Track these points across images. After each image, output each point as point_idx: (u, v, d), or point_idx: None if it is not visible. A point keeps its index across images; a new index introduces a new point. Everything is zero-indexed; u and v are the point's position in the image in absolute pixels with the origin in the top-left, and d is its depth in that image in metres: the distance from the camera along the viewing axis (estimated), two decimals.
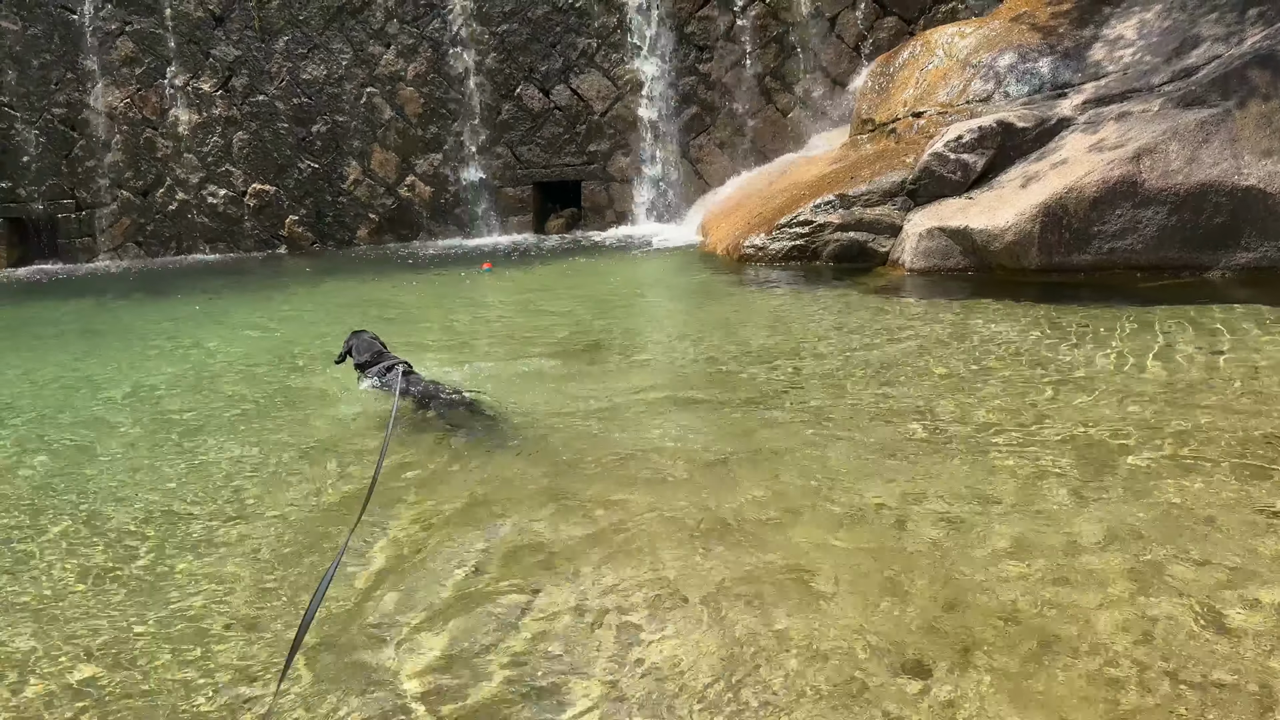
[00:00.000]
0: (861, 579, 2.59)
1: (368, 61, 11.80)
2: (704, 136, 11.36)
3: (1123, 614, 2.33)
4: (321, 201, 12.16)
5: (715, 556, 2.78)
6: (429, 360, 5.37)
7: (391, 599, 2.68)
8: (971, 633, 2.29)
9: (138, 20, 11.98)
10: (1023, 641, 2.24)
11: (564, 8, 11.37)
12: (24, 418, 5.01)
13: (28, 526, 3.43)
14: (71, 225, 12.49)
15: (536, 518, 3.14)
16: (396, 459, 3.75)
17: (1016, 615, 2.35)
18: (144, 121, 12.18)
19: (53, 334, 7.89)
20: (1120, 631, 2.26)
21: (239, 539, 3.17)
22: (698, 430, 3.96)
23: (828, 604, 2.47)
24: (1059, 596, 2.43)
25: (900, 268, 7.49)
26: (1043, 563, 2.60)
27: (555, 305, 7.48)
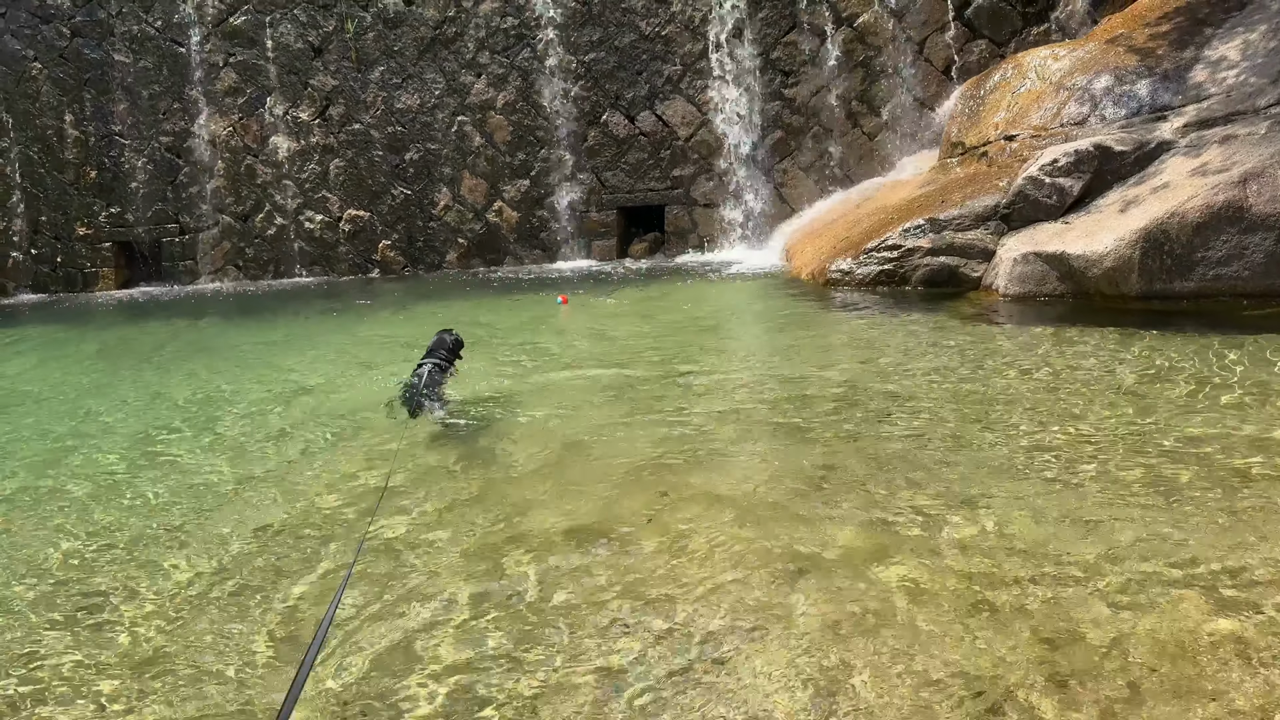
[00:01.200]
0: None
1: (459, 91, 12.11)
2: (789, 160, 11.37)
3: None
4: (413, 226, 12.48)
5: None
6: (513, 381, 5.47)
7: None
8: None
9: (241, 52, 12.50)
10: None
11: (650, 36, 11.52)
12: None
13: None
14: (175, 249, 13.04)
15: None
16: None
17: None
18: (245, 149, 12.68)
19: (161, 355, 8.24)
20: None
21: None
22: (792, 459, 3.96)
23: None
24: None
25: (994, 293, 7.38)
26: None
27: (638, 328, 7.55)
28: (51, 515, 4.02)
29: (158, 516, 3.92)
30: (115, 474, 4.58)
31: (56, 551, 3.60)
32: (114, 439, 5.27)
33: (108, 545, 3.63)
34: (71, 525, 3.87)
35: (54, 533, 3.80)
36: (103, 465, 4.75)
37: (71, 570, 3.42)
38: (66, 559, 3.52)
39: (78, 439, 5.31)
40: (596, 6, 11.61)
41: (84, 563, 3.48)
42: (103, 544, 3.65)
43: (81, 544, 3.66)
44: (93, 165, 13.03)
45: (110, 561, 3.48)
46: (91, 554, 3.56)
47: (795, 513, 3.33)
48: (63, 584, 3.31)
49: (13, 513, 4.12)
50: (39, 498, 4.29)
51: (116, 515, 3.96)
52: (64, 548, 3.63)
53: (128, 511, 4.00)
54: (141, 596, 3.14)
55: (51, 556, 3.56)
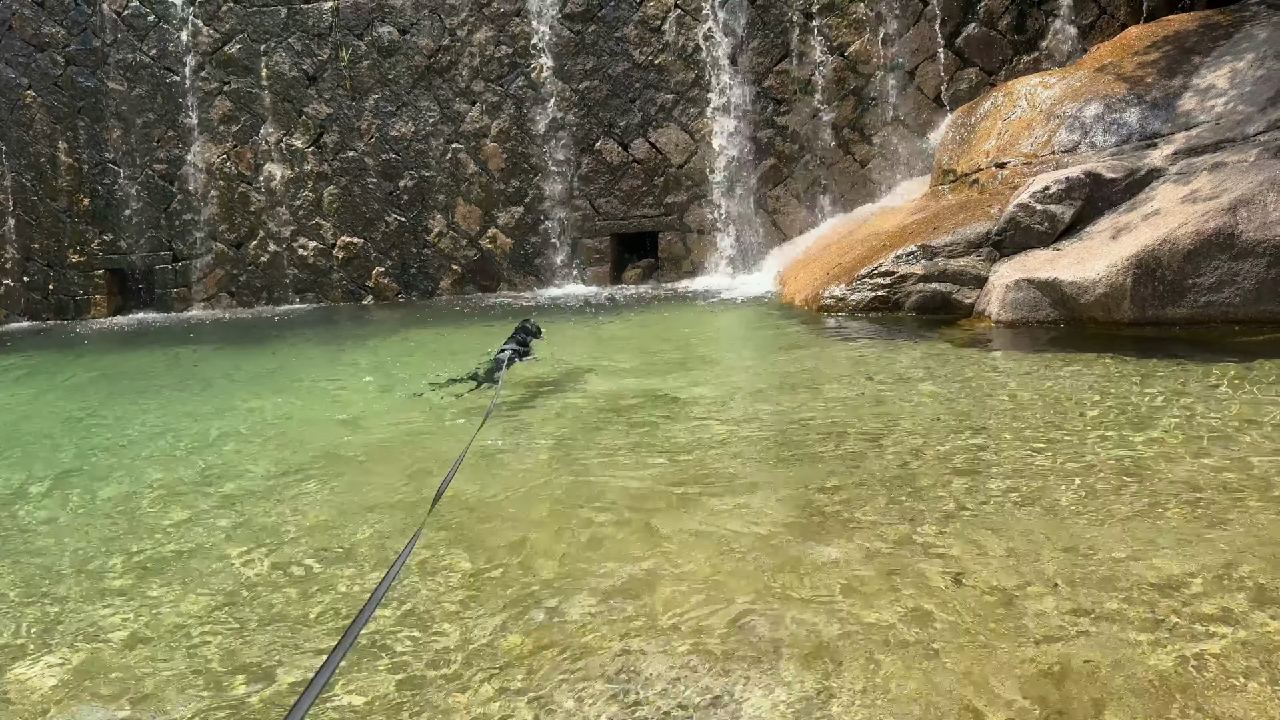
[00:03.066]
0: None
1: (453, 119, 12.16)
2: (781, 188, 11.42)
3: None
4: (407, 253, 12.49)
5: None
6: (511, 411, 5.45)
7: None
8: None
9: (235, 80, 12.54)
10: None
11: (643, 64, 11.60)
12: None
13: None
14: (168, 275, 13.02)
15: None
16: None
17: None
18: (239, 176, 12.69)
19: (158, 383, 8.21)
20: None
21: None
22: (784, 487, 3.94)
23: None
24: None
25: (986, 319, 7.40)
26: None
27: (631, 353, 7.54)
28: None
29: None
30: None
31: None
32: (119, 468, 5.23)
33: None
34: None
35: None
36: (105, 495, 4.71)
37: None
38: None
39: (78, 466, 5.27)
40: (590, 36, 11.69)
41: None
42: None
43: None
44: (86, 193, 13.03)
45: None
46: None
47: (787, 546, 3.31)
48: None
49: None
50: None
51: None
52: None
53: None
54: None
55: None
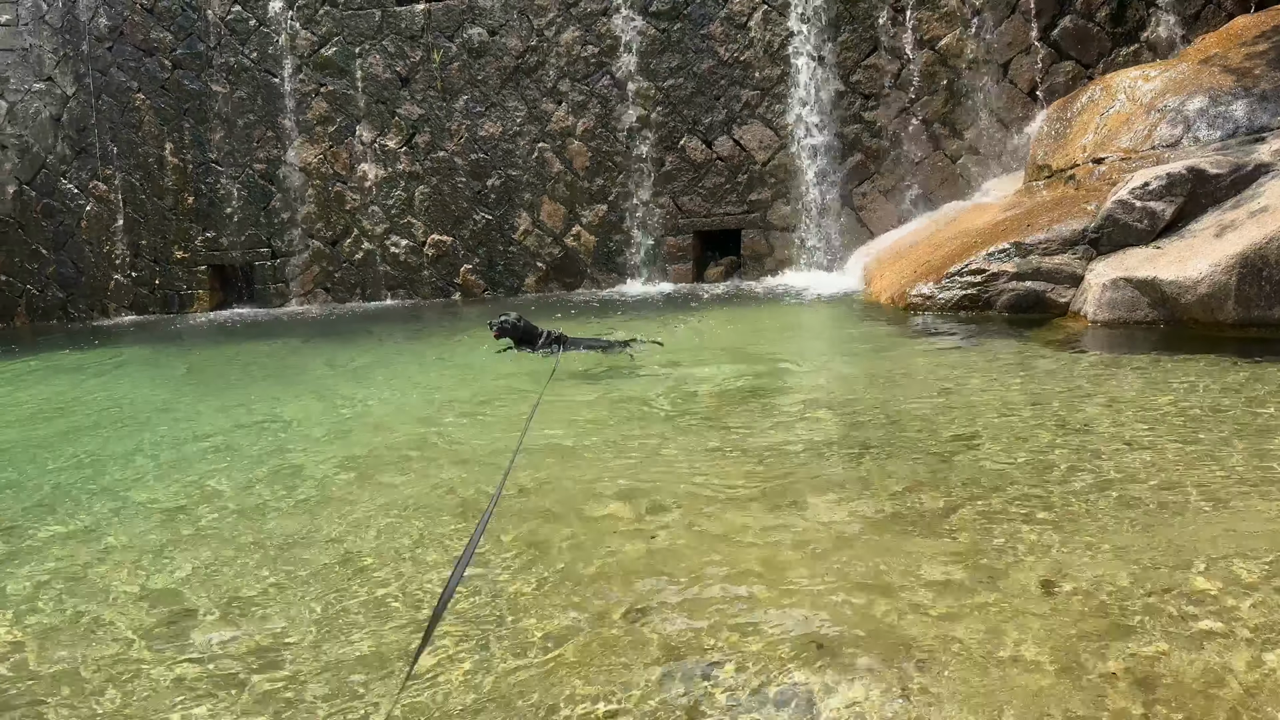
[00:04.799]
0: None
1: (540, 118, 12.33)
2: (868, 184, 11.30)
3: None
4: (494, 251, 12.72)
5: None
6: (590, 404, 5.52)
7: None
8: None
9: (332, 82, 12.92)
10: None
11: (729, 61, 11.59)
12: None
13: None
14: (267, 272, 13.49)
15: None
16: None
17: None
18: (335, 176, 13.08)
19: (252, 375, 8.53)
20: None
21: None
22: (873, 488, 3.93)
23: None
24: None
25: (1081, 319, 7.23)
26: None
27: (712, 350, 7.56)
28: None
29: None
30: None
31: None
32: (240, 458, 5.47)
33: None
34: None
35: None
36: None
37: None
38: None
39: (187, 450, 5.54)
40: (675, 33, 11.73)
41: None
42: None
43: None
44: (190, 192, 13.58)
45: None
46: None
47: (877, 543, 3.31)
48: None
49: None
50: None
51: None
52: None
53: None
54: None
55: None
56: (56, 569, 3.81)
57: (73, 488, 5.01)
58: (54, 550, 4.04)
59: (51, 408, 7.74)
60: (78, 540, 4.15)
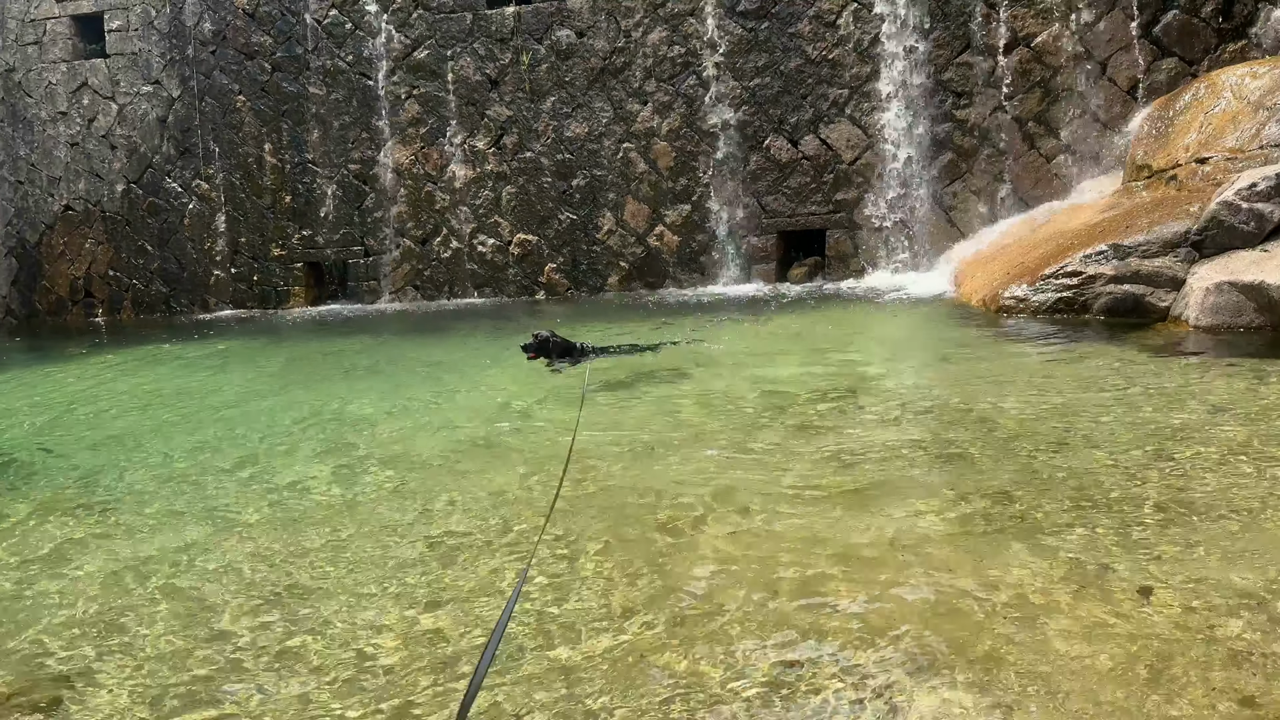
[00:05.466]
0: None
1: (625, 118, 12.42)
2: (959, 183, 11.11)
3: None
4: (578, 250, 12.86)
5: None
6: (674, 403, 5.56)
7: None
8: None
9: (424, 85, 13.21)
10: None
11: (816, 60, 11.51)
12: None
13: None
14: (360, 270, 13.86)
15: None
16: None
17: None
18: (425, 177, 13.38)
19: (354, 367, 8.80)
20: None
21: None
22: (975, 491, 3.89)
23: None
24: None
25: (1182, 324, 7.01)
26: None
27: (797, 350, 7.53)
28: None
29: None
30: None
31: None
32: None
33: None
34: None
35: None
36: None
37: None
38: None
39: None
40: (763, 32, 11.70)
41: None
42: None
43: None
44: (288, 191, 14.03)
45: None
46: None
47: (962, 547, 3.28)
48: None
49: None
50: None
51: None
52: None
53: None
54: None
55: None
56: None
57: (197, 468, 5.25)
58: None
59: (161, 395, 8.10)
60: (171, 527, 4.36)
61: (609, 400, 6.20)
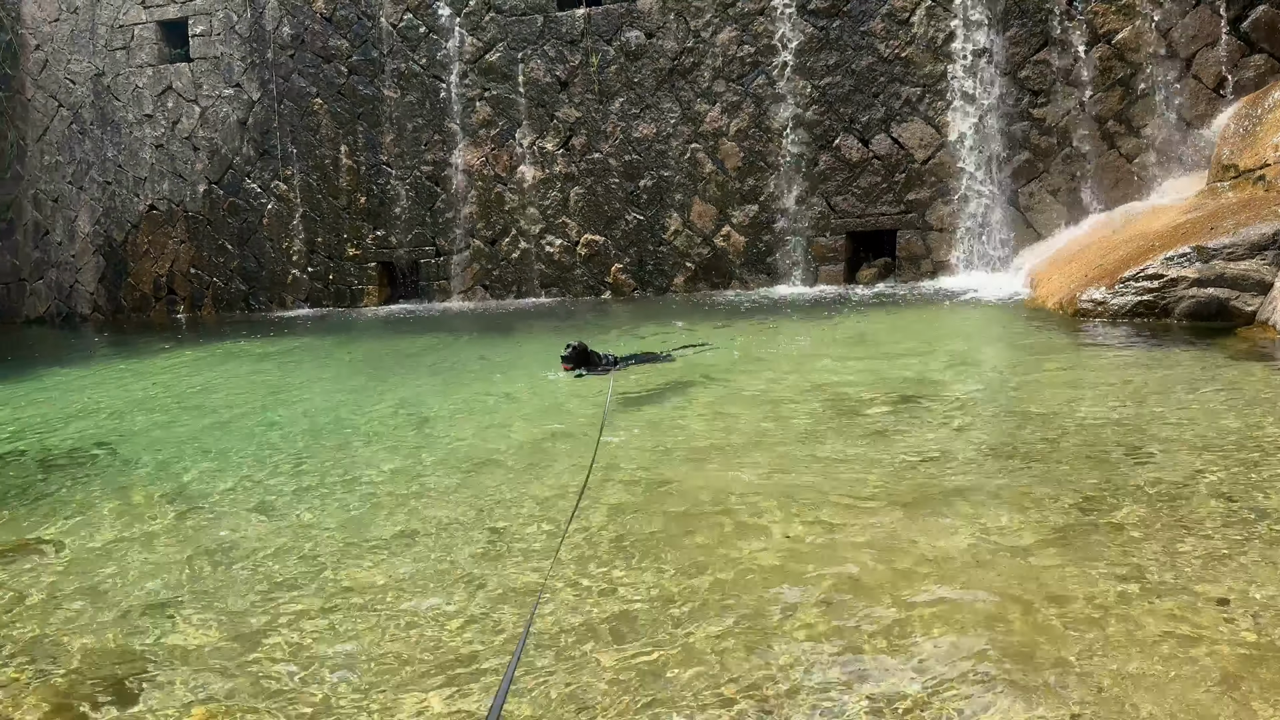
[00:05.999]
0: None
1: (693, 119, 12.42)
2: (1035, 183, 10.87)
3: None
4: (644, 251, 12.89)
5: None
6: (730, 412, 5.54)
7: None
8: None
9: (495, 87, 13.38)
10: None
11: (889, 58, 11.37)
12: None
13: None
14: (431, 269, 14.09)
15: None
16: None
17: None
18: (495, 178, 13.54)
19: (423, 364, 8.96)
20: None
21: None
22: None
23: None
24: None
25: (1269, 329, 6.77)
26: None
27: (865, 353, 7.44)
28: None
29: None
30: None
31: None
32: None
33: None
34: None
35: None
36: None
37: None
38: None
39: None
40: (834, 31, 11.59)
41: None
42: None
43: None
44: (362, 192, 14.33)
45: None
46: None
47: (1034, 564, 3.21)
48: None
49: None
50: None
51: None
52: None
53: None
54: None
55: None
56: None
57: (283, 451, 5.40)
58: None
59: (238, 390, 8.34)
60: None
61: (673, 403, 6.20)
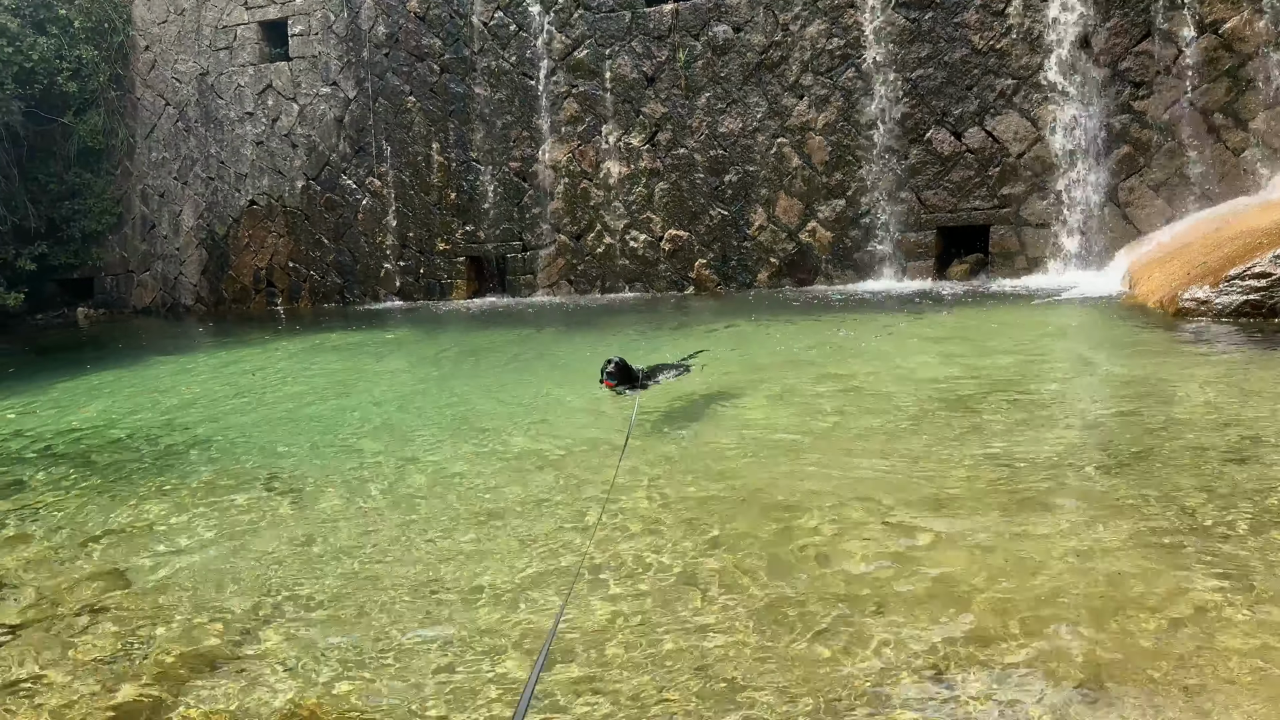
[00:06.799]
0: None
1: (780, 113, 12.33)
2: (1135, 178, 10.51)
3: None
4: (728, 246, 12.86)
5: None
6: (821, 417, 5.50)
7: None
8: None
9: (583, 83, 13.50)
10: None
11: (983, 49, 11.11)
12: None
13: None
14: (517, 264, 14.30)
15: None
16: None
17: None
18: (581, 174, 13.67)
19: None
20: None
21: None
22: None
23: None
24: None
25: None
26: None
27: (957, 353, 7.30)
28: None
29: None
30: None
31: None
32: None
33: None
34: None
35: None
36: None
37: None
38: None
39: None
40: (927, 22, 11.38)
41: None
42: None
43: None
44: (453, 188, 14.61)
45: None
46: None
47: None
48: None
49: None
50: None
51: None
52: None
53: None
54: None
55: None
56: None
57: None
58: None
59: (334, 380, 8.60)
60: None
61: (774, 394, 6.20)
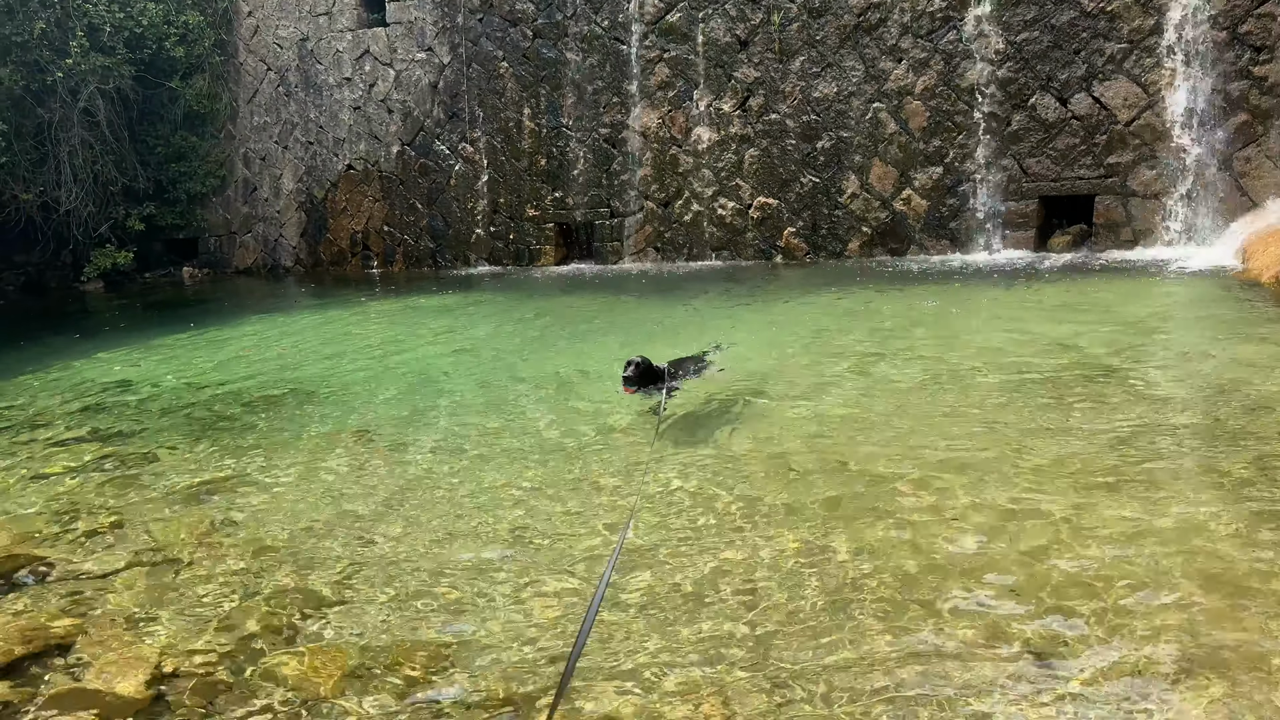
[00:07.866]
0: None
1: (877, 77, 12.02)
2: (1253, 147, 9.95)
3: None
4: (818, 214, 12.64)
5: None
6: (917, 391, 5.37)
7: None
8: None
9: (674, 48, 13.36)
10: None
11: (1092, 12, 10.62)
12: None
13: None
14: (605, 231, 14.32)
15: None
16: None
17: None
18: (671, 140, 13.57)
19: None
20: None
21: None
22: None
23: None
24: None
25: None
26: None
27: (1060, 325, 7.06)
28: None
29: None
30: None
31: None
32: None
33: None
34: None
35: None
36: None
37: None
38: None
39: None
40: None
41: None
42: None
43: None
44: (543, 154, 14.68)
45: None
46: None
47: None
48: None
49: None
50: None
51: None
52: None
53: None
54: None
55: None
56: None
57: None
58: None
59: (430, 341, 8.80)
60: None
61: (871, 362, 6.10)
